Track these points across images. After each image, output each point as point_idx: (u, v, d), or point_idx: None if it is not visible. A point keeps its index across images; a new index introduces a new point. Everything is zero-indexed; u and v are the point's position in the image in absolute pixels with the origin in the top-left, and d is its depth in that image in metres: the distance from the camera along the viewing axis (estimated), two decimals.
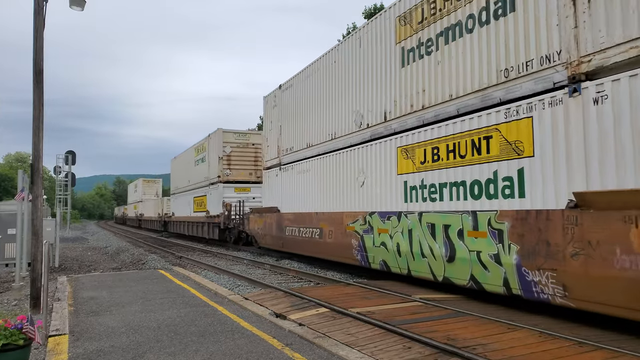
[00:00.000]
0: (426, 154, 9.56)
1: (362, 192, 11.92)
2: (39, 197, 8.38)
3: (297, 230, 15.27)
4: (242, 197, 24.64)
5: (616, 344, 5.43)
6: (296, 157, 15.92)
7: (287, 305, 8.18)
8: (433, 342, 5.58)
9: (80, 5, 9.65)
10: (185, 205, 32.25)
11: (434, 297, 8.40)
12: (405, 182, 10.24)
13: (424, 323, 6.55)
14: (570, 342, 5.57)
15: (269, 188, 18.44)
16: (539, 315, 7.10)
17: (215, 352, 5.52)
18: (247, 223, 20.53)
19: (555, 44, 7.00)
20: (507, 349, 5.38)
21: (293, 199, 15.96)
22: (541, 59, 7.20)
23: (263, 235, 18.36)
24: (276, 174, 17.65)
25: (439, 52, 9.34)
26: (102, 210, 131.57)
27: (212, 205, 25.72)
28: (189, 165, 31.85)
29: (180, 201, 34.02)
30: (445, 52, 9.17)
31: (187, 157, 32.68)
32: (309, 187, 14.82)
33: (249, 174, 25.82)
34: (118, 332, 6.47)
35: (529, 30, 7.44)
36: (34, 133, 8.30)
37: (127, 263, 16.96)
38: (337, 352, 5.44)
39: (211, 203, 26.02)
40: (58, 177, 29.13)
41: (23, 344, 4.78)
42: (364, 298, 8.50)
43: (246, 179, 25.70)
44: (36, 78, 8.36)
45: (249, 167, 25.88)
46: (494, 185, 7.91)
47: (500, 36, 7.97)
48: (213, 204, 25.61)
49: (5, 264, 14.55)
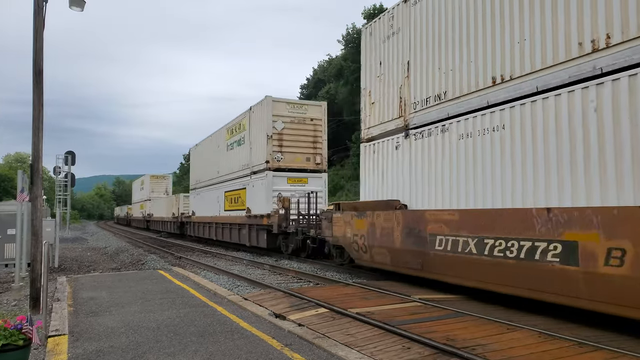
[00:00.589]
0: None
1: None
2: (38, 197, 8.38)
3: (468, 242, 8.26)
4: (296, 190, 18.76)
5: (616, 344, 5.44)
6: (455, 110, 9.31)
7: (287, 305, 8.18)
8: (432, 343, 5.58)
9: (80, 6, 9.64)
10: (211, 202, 25.96)
11: (433, 298, 8.40)
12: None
13: (424, 323, 6.56)
14: (570, 342, 5.58)
15: (377, 170, 11.73)
16: (538, 316, 7.10)
17: (215, 352, 5.52)
18: (326, 227, 13.37)
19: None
20: (507, 349, 5.38)
21: (445, 185, 9.47)
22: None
23: (367, 248, 11.15)
24: (395, 145, 11.03)
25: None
26: (102, 211, 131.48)
27: (256, 202, 19.75)
28: (218, 152, 25.45)
29: (205, 198, 27.61)
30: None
31: (215, 142, 26.31)
32: (502, 157, 8.14)
33: (306, 159, 19.59)
34: (117, 332, 6.47)
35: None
36: (33, 133, 8.29)
37: (126, 263, 16.96)
38: (337, 352, 5.44)
39: (254, 198, 20.05)
40: (57, 177, 29.18)
41: (23, 345, 4.78)
42: (363, 298, 8.50)
43: (302, 165, 19.46)
44: (36, 78, 8.36)
45: (307, 150, 19.62)
46: None
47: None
48: (257, 200, 19.65)
49: (4, 264, 14.54)
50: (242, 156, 21.72)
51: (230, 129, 23.67)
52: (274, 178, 18.74)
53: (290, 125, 19.31)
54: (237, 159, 22.45)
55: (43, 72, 8.45)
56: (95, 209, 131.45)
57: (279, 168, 18.97)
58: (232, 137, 23.36)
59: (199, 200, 28.94)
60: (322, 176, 19.78)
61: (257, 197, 19.48)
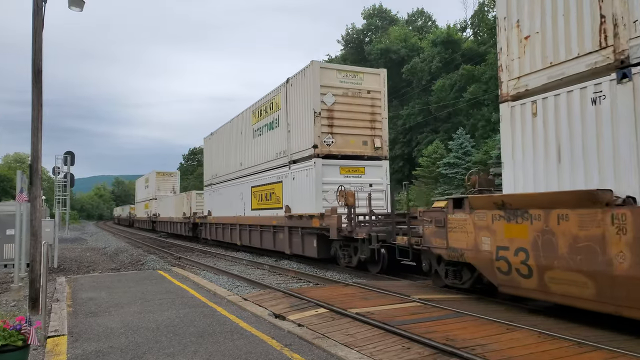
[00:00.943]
0: None
1: None
2: (37, 197, 8.37)
3: None
4: (350, 183, 14.49)
5: (615, 345, 5.44)
6: None
7: (286, 305, 8.18)
8: (432, 343, 5.58)
9: (79, 6, 9.63)
10: (232, 200, 22.07)
11: (432, 298, 8.40)
12: None
13: (423, 323, 6.55)
14: (570, 342, 5.58)
15: (543, 142, 7.45)
16: (538, 316, 7.10)
17: (214, 352, 5.51)
18: (433, 233, 9.24)
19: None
20: (506, 349, 5.38)
21: None
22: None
23: (533, 270, 7.03)
24: (594, 96, 6.70)
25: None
26: (101, 211, 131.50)
27: (298, 198, 15.65)
28: (241, 140, 21.50)
29: (224, 195, 23.68)
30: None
31: (236, 129, 22.26)
32: None
33: (363, 143, 15.41)
34: (117, 332, 6.46)
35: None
36: (32, 133, 8.28)
37: (126, 264, 16.96)
38: (336, 352, 5.43)
39: (295, 194, 15.83)
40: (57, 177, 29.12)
41: (22, 345, 4.77)
42: (363, 298, 8.50)
43: (358, 151, 15.36)
44: (35, 78, 8.35)
45: (363, 132, 15.43)
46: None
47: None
48: (300, 196, 15.53)
49: (4, 264, 14.53)
50: (276, 142, 17.59)
51: (258, 111, 19.45)
52: (324, 168, 14.69)
53: (342, 99, 15.12)
54: (268, 147, 18.35)
55: (42, 72, 8.44)
56: (95, 209, 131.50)
57: (329, 154, 14.88)
58: (261, 120, 19.07)
59: (216, 198, 25.02)
60: (383, 164, 15.70)
61: (301, 192, 15.52)
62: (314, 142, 14.78)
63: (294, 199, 16.02)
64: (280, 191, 17.09)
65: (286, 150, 16.68)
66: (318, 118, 14.76)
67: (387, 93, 16.25)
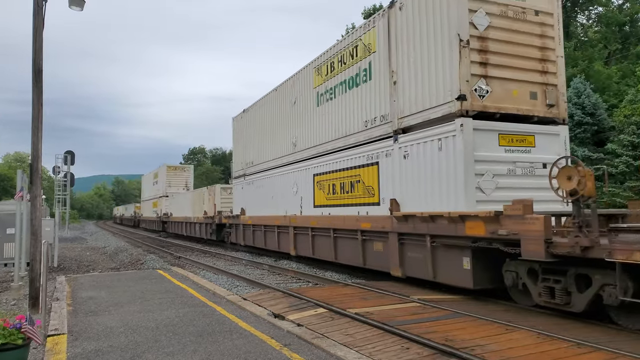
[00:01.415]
0: None
1: None
2: (37, 197, 8.38)
3: None
4: (514, 161, 9.11)
5: (614, 345, 5.44)
6: None
7: (286, 305, 8.19)
8: (431, 343, 5.59)
9: (80, 6, 9.64)
10: (281, 193, 16.65)
11: (432, 298, 8.40)
12: None
13: (422, 324, 6.56)
14: (569, 343, 5.58)
15: None
16: (537, 316, 7.11)
17: (214, 352, 5.52)
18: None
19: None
20: (505, 349, 5.39)
21: None
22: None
23: None
24: None
25: None
26: (101, 210, 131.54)
27: (416, 188, 9.88)
28: (296, 111, 15.79)
29: (266, 187, 18.20)
30: None
31: (285, 98, 16.71)
32: None
33: (531, 95, 9.46)
34: (116, 332, 6.47)
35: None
36: (33, 133, 8.29)
37: (125, 263, 16.97)
38: (336, 352, 5.44)
39: (408, 181, 10.17)
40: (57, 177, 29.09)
41: (22, 344, 4.78)
42: (362, 299, 8.50)
43: (526, 109, 9.34)
44: (35, 78, 8.36)
45: (532, 78, 9.47)
46: None
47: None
48: (419, 184, 9.82)
49: (4, 263, 14.54)
50: (367, 104, 11.73)
51: (327, 66, 13.84)
52: (476, 135, 8.84)
53: (499, 22, 9.26)
54: (348, 114, 12.57)
55: (42, 72, 8.45)
56: (95, 208, 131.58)
57: (483, 113, 8.95)
58: (332, 77, 13.43)
59: (251, 193, 19.85)
60: (560, 132, 9.76)
61: (422, 177, 9.76)
62: (459, 90, 8.75)
63: (405, 189, 10.18)
64: (373, 178, 11.38)
65: (389, 113, 10.79)
66: (465, 50, 8.80)
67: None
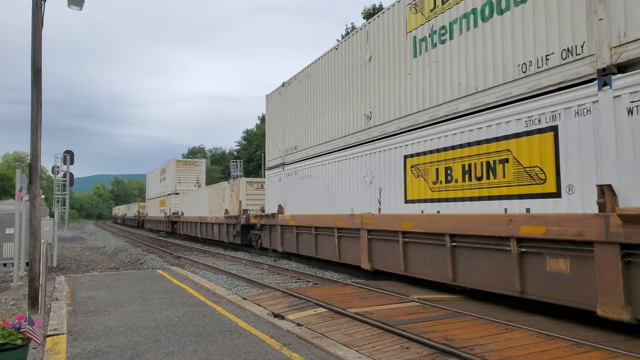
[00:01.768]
0: None
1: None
2: (37, 196, 8.37)
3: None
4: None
5: (614, 345, 5.45)
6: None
7: (285, 305, 8.19)
8: (431, 343, 5.58)
9: (79, 5, 9.63)
10: (343, 185, 12.76)
11: (431, 298, 8.41)
12: None
13: (422, 323, 6.56)
14: (568, 342, 5.58)
15: None
16: (537, 316, 7.11)
17: (213, 352, 5.51)
18: None
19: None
20: (505, 349, 5.39)
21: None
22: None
23: None
24: None
25: None
26: (101, 210, 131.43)
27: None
28: (371, 71, 11.54)
29: (318, 178, 14.22)
30: None
31: (355, 55, 12.28)
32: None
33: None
34: (116, 331, 6.47)
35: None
36: (32, 132, 8.28)
37: (125, 263, 16.95)
38: (335, 352, 5.44)
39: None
40: (56, 176, 29.02)
41: (21, 344, 4.77)
42: (362, 298, 8.50)
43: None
44: (34, 77, 8.35)
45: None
46: None
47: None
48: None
49: (3, 263, 14.52)
50: (524, 36, 7.42)
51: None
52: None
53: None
54: (479, 60, 8.33)
55: (42, 71, 8.44)
56: (94, 208, 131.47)
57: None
58: (444, 11, 9.12)
59: (295, 185, 15.86)
60: None
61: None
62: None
63: (633, 168, 5.93)
64: (542, 154, 7.10)
65: (585, 42, 6.53)
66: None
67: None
